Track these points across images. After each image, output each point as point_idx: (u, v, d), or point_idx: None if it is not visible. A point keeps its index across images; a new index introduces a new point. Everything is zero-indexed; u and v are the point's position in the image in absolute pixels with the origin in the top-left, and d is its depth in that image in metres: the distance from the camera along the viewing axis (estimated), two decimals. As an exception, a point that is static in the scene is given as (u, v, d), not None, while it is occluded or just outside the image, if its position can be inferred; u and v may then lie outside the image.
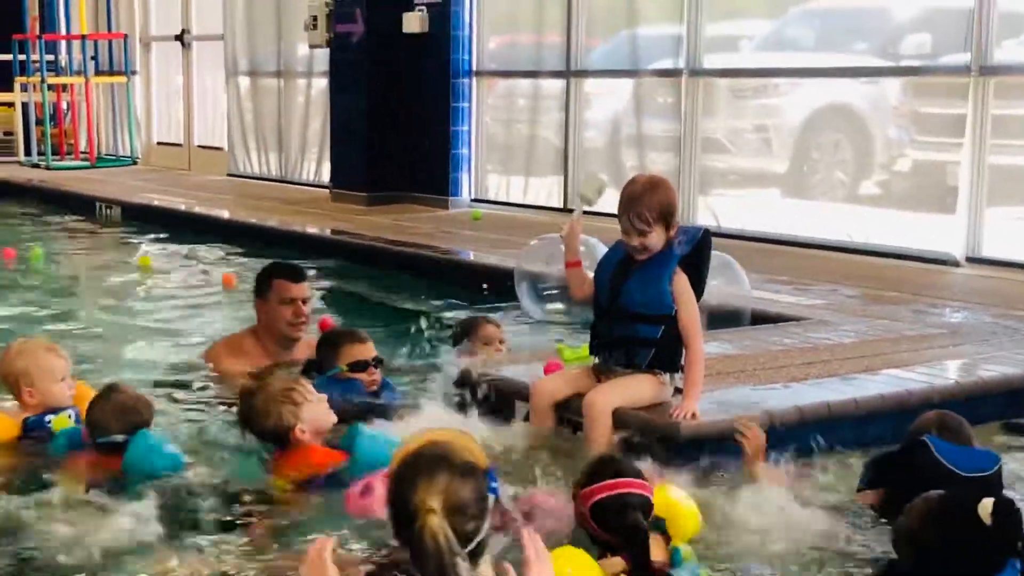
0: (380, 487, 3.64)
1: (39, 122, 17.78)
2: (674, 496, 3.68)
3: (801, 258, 9.26)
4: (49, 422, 4.69)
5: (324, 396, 4.54)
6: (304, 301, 5.97)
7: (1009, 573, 3.11)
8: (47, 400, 4.74)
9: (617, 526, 3.48)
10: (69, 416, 4.72)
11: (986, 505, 3.09)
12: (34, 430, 4.68)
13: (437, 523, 2.55)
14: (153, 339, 7.18)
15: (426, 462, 2.68)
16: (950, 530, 3.12)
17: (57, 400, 4.74)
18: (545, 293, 7.71)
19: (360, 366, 5.33)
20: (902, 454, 4.04)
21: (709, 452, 4.55)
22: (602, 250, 5.15)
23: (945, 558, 3.07)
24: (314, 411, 4.38)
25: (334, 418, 4.49)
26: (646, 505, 3.53)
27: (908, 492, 3.63)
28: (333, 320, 6.95)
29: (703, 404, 4.72)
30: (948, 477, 3.83)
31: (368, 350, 5.39)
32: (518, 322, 7.70)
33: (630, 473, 3.59)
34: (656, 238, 4.68)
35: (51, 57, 18.29)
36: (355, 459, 4.25)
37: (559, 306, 7.68)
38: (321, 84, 14.23)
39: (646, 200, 4.64)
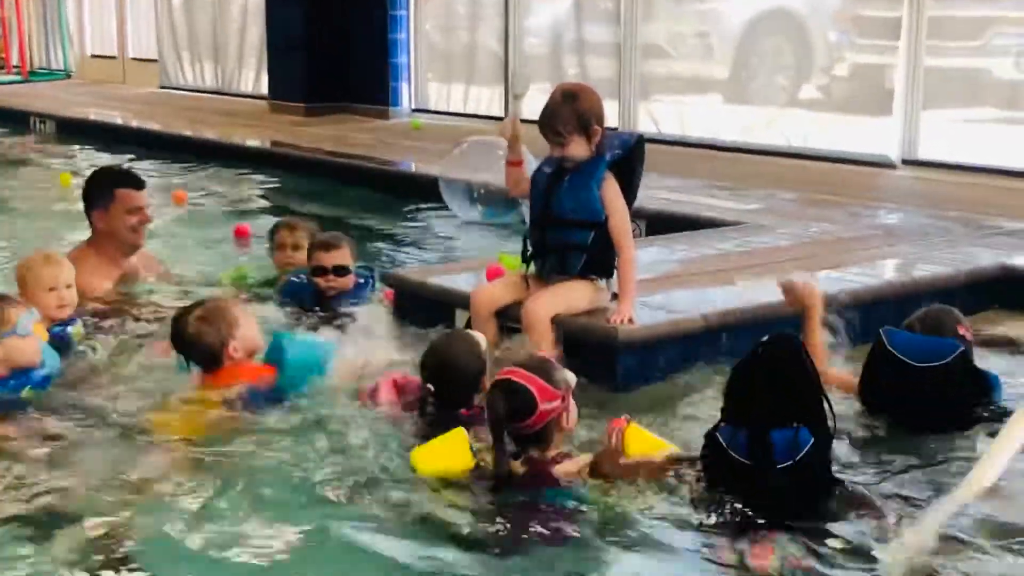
0: (386, 391, 4.14)
1: (-32, 35, 17.41)
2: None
3: (740, 163, 9.31)
4: (68, 333, 4.79)
5: (254, 316, 4.55)
6: (147, 207, 5.84)
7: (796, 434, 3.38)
8: (38, 309, 4.67)
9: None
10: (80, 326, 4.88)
11: (762, 340, 3.56)
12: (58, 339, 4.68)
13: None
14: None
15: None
16: (738, 364, 3.59)
17: (43, 309, 4.70)
18: (472, 195, 7.76)
19: (317, 271, 5.46)
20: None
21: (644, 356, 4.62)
22: (533, 161, 5.16)
23: (730, 384, 3.57)
24: (246, 331, 4.38)
25: (261, 340, 4.46)
26: (510, 388, 3.61)
27: (868, 381, 4.08)
28: (250, 227, 6.82)
29: (641, 310, 4.76)
30: (899, 365, 4.04)
31: (329, 257, 5.48)
32: (455, 230, 7.73)
33: (525, 367, 3.70)
34: (576, 147, 4.69)
35: (-22, -32, 17.86)
36: (284, 369, 4.25)
37: (484, 208, 7.74)
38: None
39: (560, 111, 4.67)
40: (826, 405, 3.46)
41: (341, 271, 5.49)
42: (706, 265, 5.71)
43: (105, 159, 11.22)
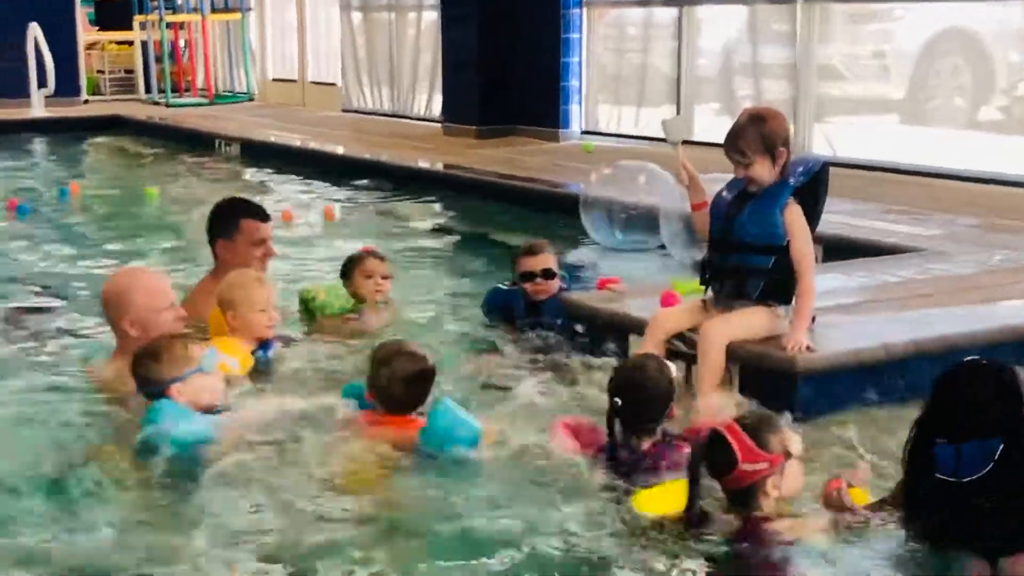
0: (559, 436, 4.10)
1: (158, 60, 18.15)
2: None
3: (918, 187, 9.11)
4: (274, 348, 4.99)
5: None
6: (271, 239, 5.75)
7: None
8: (249, 329, 4.91)
9: None
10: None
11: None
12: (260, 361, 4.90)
13: None
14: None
15: None
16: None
17: (254, 329, 4.90)
18: (616, 220, 7.82)
19: (526, 277, 5.60)
20: None
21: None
22: (666, 178, 5.19)
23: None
24: None
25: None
26: (714, 441, 3.57)
27: None
28: (374, 246, 6.59)
29: (820, 338, 4.71)
30: None
31: (535, 262, 5.63)
32: (622, 255, 7.75)
33: (741, 422, 3.63)
34: (760, 169, 4.69)
35: (168, -5, 18.63)
36: (430, 432, 4.14)
37: (622, 234, 7.80)
38: (431, 17, 14.30)
39: (746, 133, 4.69)
40: None
41: (549, 274, 5.63)
42: (886, 293, 5.62)
43: (286, 180, 11.61)
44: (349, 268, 5.89)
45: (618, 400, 4.00)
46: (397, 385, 4.24)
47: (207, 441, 4.11)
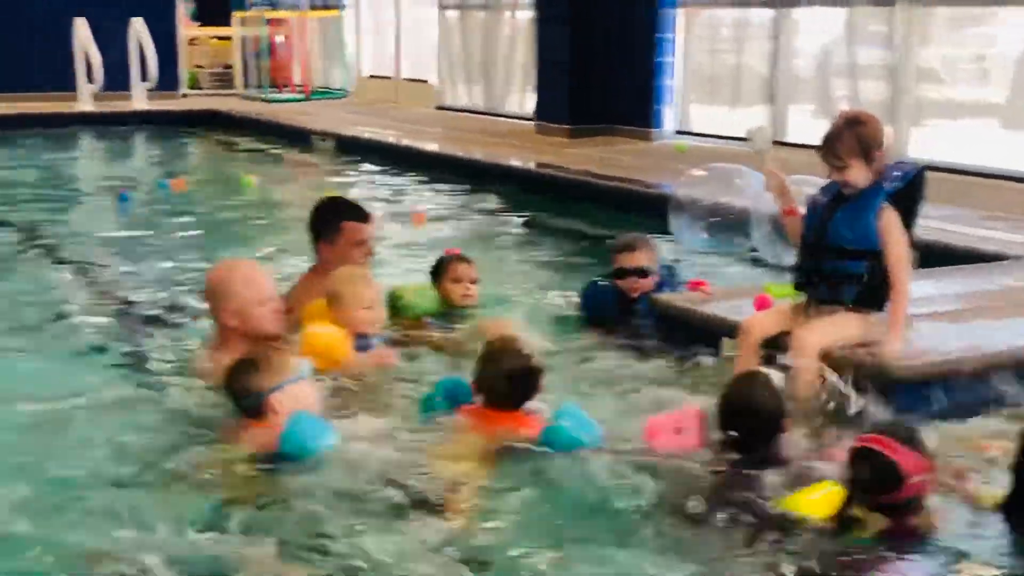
0: (694, 427, 4.04)
1: (256, 55, 18.43)
2: None
3: (1018, 193, 8.94)
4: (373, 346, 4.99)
5: None
6: (371, 239, 5.70)
7: None
8: (353, 325, 4.94)
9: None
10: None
11: None
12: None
13: None
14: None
15: None
16: None
17: (358, 324, 4.94)
18: (706, 222, 7.76)
19: (620, 273, 5.63)
20: None
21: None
22: (758, 180, 5.18)
23: None
24: None
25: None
26: (878, 462, 3.48)
27: None
28: (459, 249, 6.43)
29: (915, 347, 4.67)
30: None
31: (629, 259, 5.64)
32: (714, 257, 7.71)
33: (896, 436, 3.54)
34: (856, 173, 4.68)
35: (267, -8, 18.92)
36: (553, 435, 4.10)
37: (716, 237, 7.74)
38: (526, 16, 14.34)
39: (842, 137, 4.68)
40: None
41: (642, 272, 5.64)
42: (984, 301, 5.54)
43: (381, 176, 11.73)
44: (438, 272, 5.89)
45: (734, 432, 3.95)
46: (502, 382, 4.26)
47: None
